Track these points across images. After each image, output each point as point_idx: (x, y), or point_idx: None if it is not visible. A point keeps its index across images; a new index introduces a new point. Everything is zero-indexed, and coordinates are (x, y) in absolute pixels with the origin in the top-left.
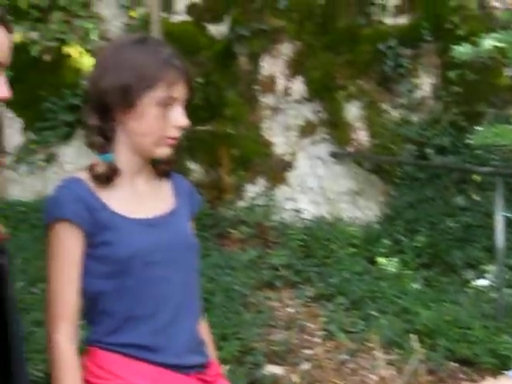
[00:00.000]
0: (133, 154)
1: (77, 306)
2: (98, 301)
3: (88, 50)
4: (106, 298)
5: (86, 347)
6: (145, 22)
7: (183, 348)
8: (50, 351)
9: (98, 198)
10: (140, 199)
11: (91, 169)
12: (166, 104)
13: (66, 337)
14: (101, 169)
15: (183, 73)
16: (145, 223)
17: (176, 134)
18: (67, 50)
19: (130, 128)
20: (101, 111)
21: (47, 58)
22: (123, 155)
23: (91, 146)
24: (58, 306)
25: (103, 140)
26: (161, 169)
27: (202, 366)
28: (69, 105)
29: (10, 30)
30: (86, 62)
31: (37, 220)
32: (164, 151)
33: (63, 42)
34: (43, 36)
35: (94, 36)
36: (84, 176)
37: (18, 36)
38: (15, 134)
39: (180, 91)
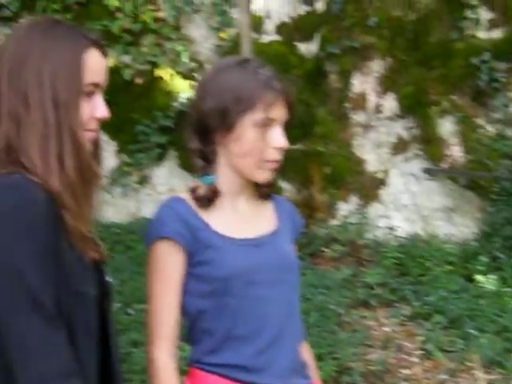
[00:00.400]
0: (234, 175)
1: (177, 325)
2: (198, 320)
3: (179, 73)
4: (206, 317)
5: (186, 368)
6: (235, 43)
7: (285, 369)
8: (150, 369)
9: (199, 217)
10: (241, 219)
11: (193, 190)
12: (265, 125)
13: (166, 354)
14: (202, 191)
15: (282, 94)
16: (246, 243)
17: (276, 155)
18: (159, 72)
19: (230, 150)
20: (201, 134)
21: (139, 80)
22: (225, 176)
23: (194, 168)
24: (158, 325)
25: (204, 162)
26: (263, 191)
27: None
28: (161, 127)
29: (105, 54)
30: (178, 84)
31: (131, 242)
32: (264, 175)
33: (155, 64)
34: (135, 59)
35: (184, 58)
36: (185, 196)
37: (110, 60)
38: (109, 157)
39: (278, 112)
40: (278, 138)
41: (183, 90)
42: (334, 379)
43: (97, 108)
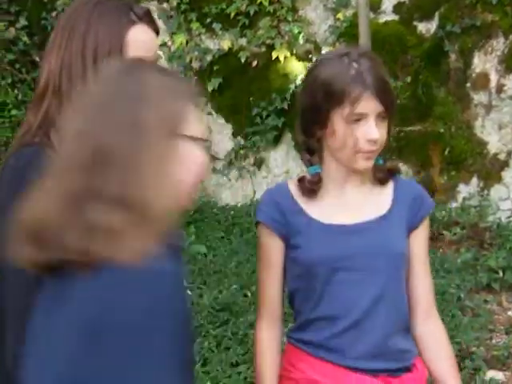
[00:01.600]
0: (337, 165)
1: (278, 303)
2: (293, 298)
3: (295, 55)
4: (297, 297)
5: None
6: (352, 24)
7: (365, 353)
8: (254, 344)
9: (296, 204)
10: (345, 207)
11: (300, 180)
12: (355, 120)
13: (267, 331)
14: (307, 181)
15: (370, 87)
16: (341, 230)
17: (370, 147)
18: (275, 54)
19: (328, 143)
20: (304, 127)
21: (255, 63)
22: (329, 166)
23: (302, 159)
24: (262, 303)
25: (308, 154)
26: (377, 176)
27: (394, 371)
28: (277, 109)
29: (154, 29)
30: (294, 66)
31: (247, 224)
32: (362, 164)
33: (271, 47)
34: (251, 42)
35: (301, 40)
36: (292, 183)
37: (226, 42)
38: (225, 140)
39: (368, 106)
40: (369, 132)
41: (299, 72)
42: (457, 364)
43: None
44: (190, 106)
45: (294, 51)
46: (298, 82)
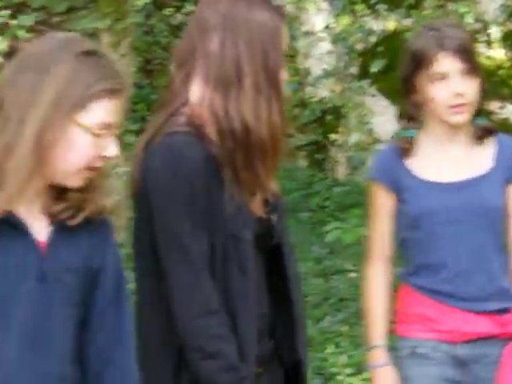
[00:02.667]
0: (439, 125)
1: (387, 248)
2: (403, 246)
3: None
4: (406, 245)
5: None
6: None
7: (474, 297)
8: (363, 284)
9: (403, 164)
10: (447, 166)
11: (398, 142)
12: (439, 79)
13: (376, 274)
14: (403, 143)
15: (451, 48)
16: (443, 187)
17: (456, 100)
18: None
19: (423, 106)
20: (405, 96)
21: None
22: (431, 128)
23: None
24: (372, 249)
25: (409, 120)
26: (477, 135)
27: (500, 312)
28: None
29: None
30: None
31: None
32: (454, 119)
33: None
34: (417, 22)
35: (468, 19)
36: (396, 146)
37: (391, 23)
38: (389, 122)
39: (448, 64)
40: (452, 87)
41: None
42: None
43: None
44: (95, 95)
45: None
46: None
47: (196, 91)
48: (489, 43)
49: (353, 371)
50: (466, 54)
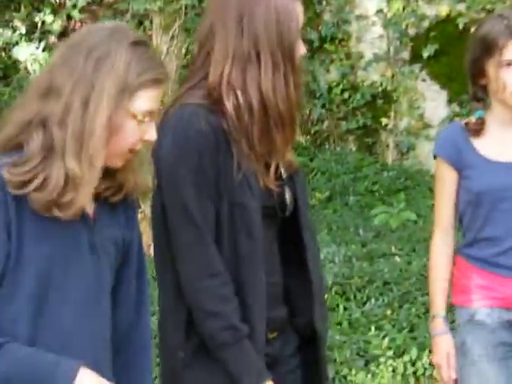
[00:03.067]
0: (502, 107)
1: (451, 222)
2: (462, 219)
3: None
4: (466, 218)
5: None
6: None
7: None
8: (429, 255)
9: (469, 142)
10: (510, 146)
11: (466, 123)
12: (506, 65)
13: (440, 246)
14: (473, 123)
15: None
16: (505, 166)
17: None
18: None
19: (491, 89)
20: (470, 79)
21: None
22: (494, 110)
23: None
24: (436, 219)
25: (476, 102)
26: None
27: None
28: None
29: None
30: None
31: None
32: None
33: (491, 12)
34: (470, 7)
35: None
36: (462, 124)
37: (444, 8)
38: (440, 106)
39: None
40: None
41: None
42: None
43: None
44: (144, 83)
45: None
46: None
47: (215, 67)
48: None
49: (394, 354)
50: None
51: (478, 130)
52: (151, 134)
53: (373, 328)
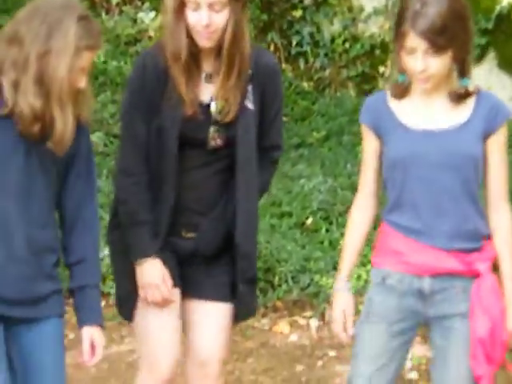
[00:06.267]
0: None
1: (373, 188)
2: (385, 186)
3: None
4: (387, 185)
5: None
6: None
7: (444, 235)
8: (348, 221)
9: (390, 109)
10: (428, 114)
11: (391, 86)
12: (409, 52)
13: (360, 211)
14: (397, 86)
15: (421, 27)
16: (422, 134)
17: (419, 75)
18: None
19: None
20: (396, 50)
21: None
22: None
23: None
24: (360, 187)
25: (401, 68)
26: (457, 93)
27: (467, 251)
28: (481, 29)
29: None
30: None
31: None
32: (420, 87)
33: None
34: None
35: None
36: (385, 91)
37: None
38: None
39: (415, 42)
40: (415, 64)
41: None
42: None
43: None
44: (87, 46)
45: None
46: (505, 3)
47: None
48: None
49: (362, 264)
50: (434, 33)
51: (400, 93)
52: (83, 83)
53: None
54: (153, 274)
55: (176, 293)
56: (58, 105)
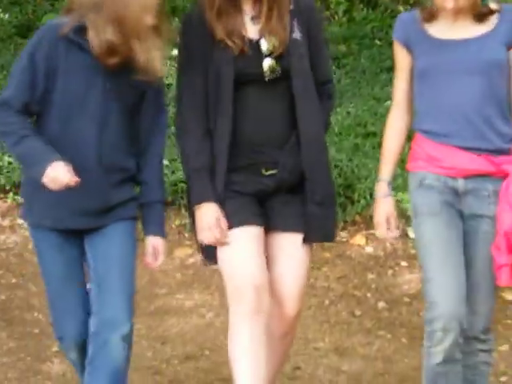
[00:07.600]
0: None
1: (404, 94)
2: (415, 96)
3: None
4: (417, 96)
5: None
6: None
7: (470, 136)
8: (385, 128)
9: (420, 26)
10: (455, 28)
11: (421, 8)
12: None
13: (395, 118)
14: (425, 9)
15: None
16: (448, 42)
17: None
18: None
19: None
20: None
21: None
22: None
23: None
24: (394, 98)
25: None
26: (482, 11)
27: (496, 153)
28: None
29: None
30: None
31: None
32: (447, 4)
33: None
34: None
35: None
36: (417, 11)
37: None
38: None
39: None
40: None
41: None
42: None
43: None
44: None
45: None
46: None
47: None
48: None
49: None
50: None
51: (428, 17)
52: (155, 19)
53: None
54: (207, 217)
55: (255, 232)
56: (136, 39)
